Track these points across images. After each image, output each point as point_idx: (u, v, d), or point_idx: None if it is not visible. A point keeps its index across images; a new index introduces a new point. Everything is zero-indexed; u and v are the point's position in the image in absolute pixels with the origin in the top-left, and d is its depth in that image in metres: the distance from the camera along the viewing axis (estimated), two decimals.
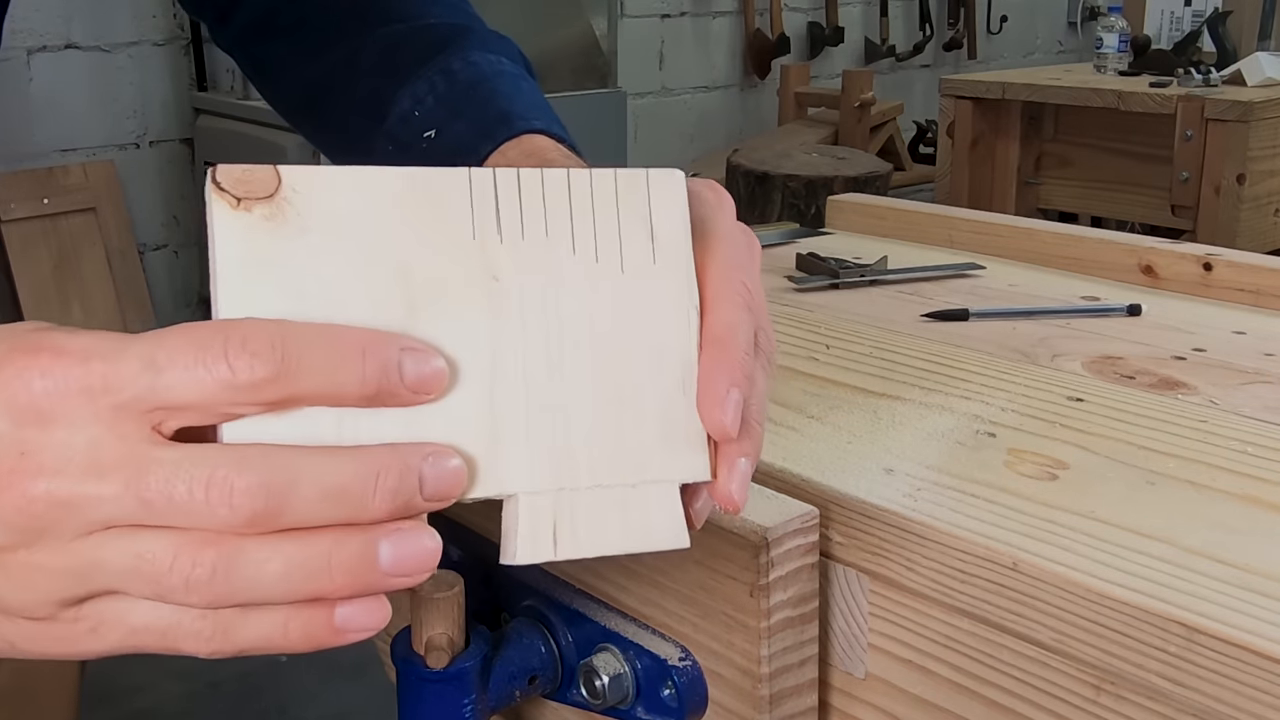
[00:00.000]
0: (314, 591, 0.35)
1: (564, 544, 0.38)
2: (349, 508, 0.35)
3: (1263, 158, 2.50)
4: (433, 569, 0.36)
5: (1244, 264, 0.84)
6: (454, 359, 0.37)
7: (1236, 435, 0.59)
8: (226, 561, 0.34)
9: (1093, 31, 3.38)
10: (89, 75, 2.89)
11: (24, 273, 2.75)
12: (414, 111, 0.68)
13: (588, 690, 0.54)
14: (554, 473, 0.38)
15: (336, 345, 0.35)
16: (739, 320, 0.43)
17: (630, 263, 0.41)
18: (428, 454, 0.36)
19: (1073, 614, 0.45)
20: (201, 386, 0.34)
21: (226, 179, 0.36)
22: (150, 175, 3.02)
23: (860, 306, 0.83)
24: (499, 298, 0.38)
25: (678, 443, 0.40)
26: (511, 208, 0.39)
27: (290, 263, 0.36)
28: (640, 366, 0.40)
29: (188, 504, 0.34)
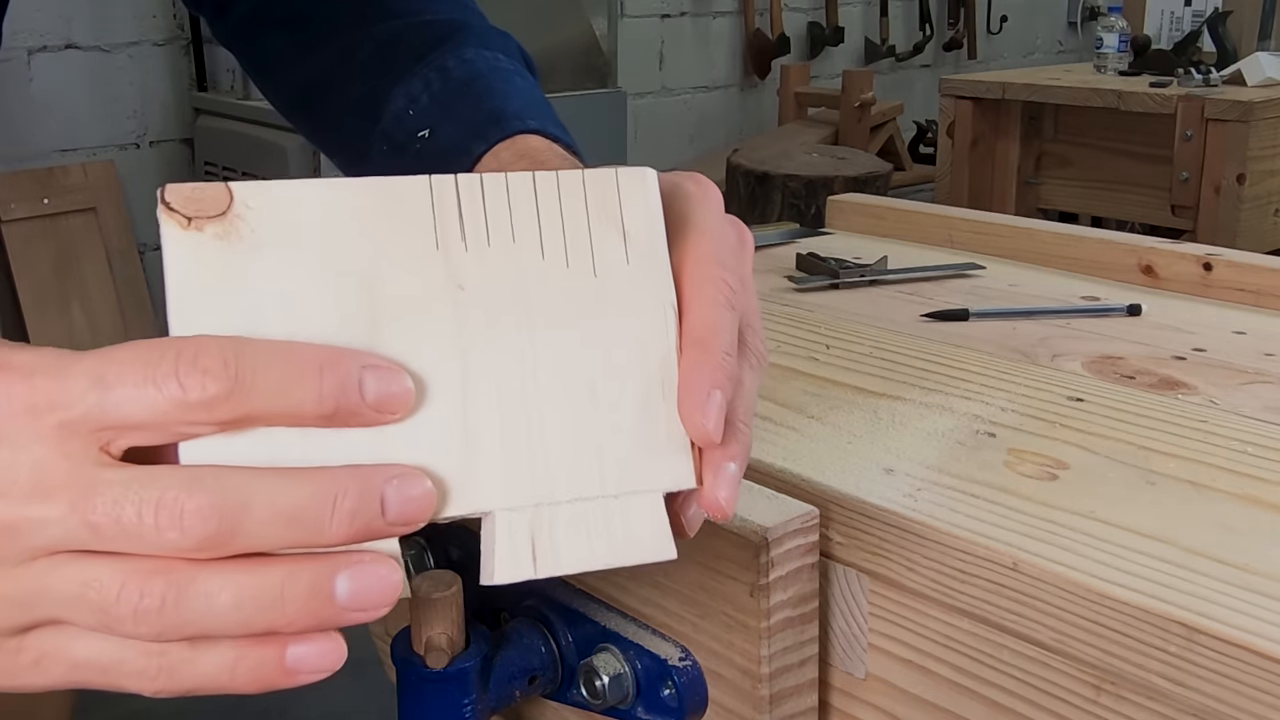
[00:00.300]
0: (267, 624, 0.33)
1: (544, 561, 0.37)
2: (305, 531, 0.33)
3: (1263, 158, 2.50)
4: (392, 603, 0.34)
5: (1244, 264, 0.84)
6: (421, 374, 0.36)
7: (1236, 435, 0.59)
8: (176, 591, 0.32)
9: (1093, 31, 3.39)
10: (89, 75, 2.89)
11: (24, 273, 2.75)
12: (408, 110, 0.67)
13: (588, 690, 0.54)
14: (531, 487, 0.37)
15: (292, 362, 0.34)
16: (720, 319, 0.41)
17: (603, 265, 0.39)
18: (392, 476, 0.34)
19: (1073, 614, 0.45)
20: (151, 405, 0.33)
21: (176, 198, 0.35)
22: (150, 175, 3.02)
23: (860, 306, 0.83)
24: (466, 308, 0.37)
25: (660, 450, 0.39)
26: (476, 214, 0.38)
27: (245, 281, 0.35)
28: (618, 372, 0.39)
29: (136, 527, 0.32)
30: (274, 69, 0.78)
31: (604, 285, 0.39)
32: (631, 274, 0.40)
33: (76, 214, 2.84)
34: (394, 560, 0.34)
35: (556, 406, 0.38)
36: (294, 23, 0.75)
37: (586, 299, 0.39)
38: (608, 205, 0.40)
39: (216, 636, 0.33)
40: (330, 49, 0.73)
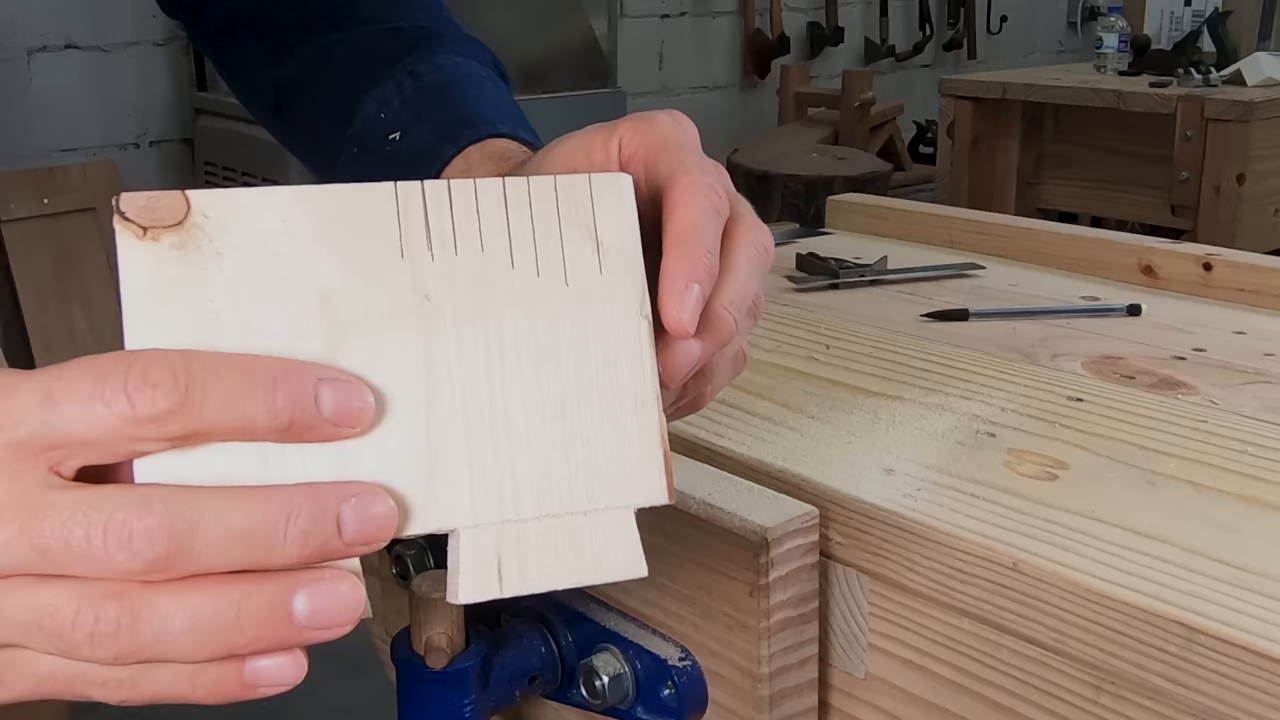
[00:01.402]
0: (224, 646, 0.33)
1: (510, 580, 0.36)
2: (258, 551, 0.33)
3: (1263, 158, 2.50)
4: (355, 621, 0.33)
5: (1244, 264, 0.84)
6: (384, 388, 0.35)
7: (1236, 435, 0.59)
8: (131, 615, 0.32)
9: (1093, 31, 3.39)
10: (89, 75, 2.89)
11: (24, 273, 2.75)
12: (380, 114, 0.67)
13: (588, 690, 0.54)
14: (498, 504, 0.36)
15: (245, 375, 0.33)
16: (702, 219, 0.42)
17: (575, 274, 0.38)
18: (350, 495, 0.34)
19: (1073, 614, 0.45)
20: (100, 421, 0.32)
21: (131, 208, 0.34)
22: (150, 175, 3.02)
23: (860, 306, 0.83)
24: (432, 319, 0.36)
25: (632, 464, 0.38)
26: (443, 222, 0.37)
27: (202, 292, 0.34)
28: (590, 384, 0.38)
29: (85, 550, 0.32)
30: (246, 73, 0.78)
31: (576, 295, 0.38)
32: (605, 283, 0.39)
33: (76, 214, 2.84)
34: (355, 577, 0.34)
35: (525, 420, 0.37)
36: (266, 28, 0.76)
37: (558, 309, 0.38)
38: (580, 212, 0.39)
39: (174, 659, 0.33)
40: (301, 54, 0.73)
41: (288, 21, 0.75)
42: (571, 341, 0.38)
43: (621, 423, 0.38)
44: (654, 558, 0.53)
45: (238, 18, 0.77)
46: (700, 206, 0.42)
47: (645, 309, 0.39)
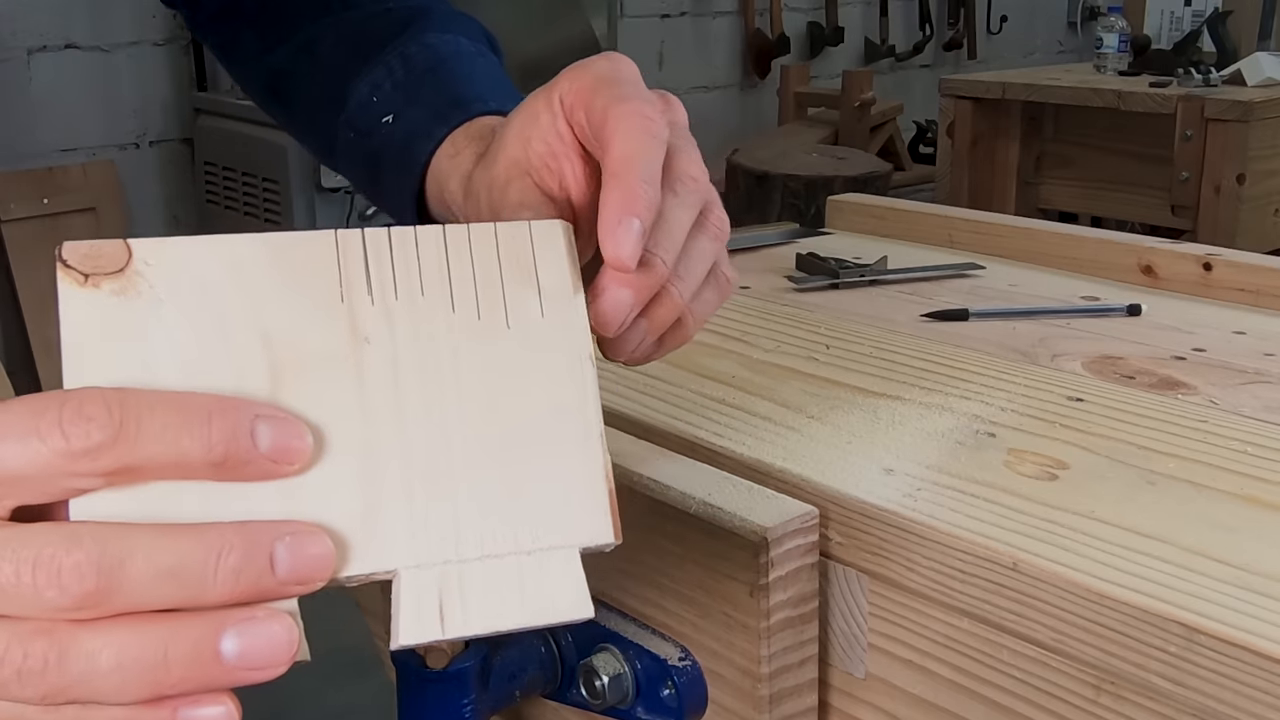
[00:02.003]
0: (151, 686, 0.32)
1: (451, 622, 0.36)
2: (188, 589, 0.32)
3: (1263, 158, 2.50)
4: (287, 663, 0.33)
5: (1244, 264, 0.84)
6: (323, 428, 0.35)
7: (1236, 435, 0.59)
8: (59, 652, 0.32)
9: (1093, 31, 3.38)
10: (89, 75, 2.89)
11: (24, 273, 2.75)
12: (372, 98, 0.68)
13: (588, 690, 0.54)
14: (439, 545, 0.36)
15: (181, 410, 0.33)
16: (635, 149, 0.42)
17: (516, 318, 0.39)
18: (285, 533, 0.33)
19: (1073, 614, 0.45)
20: (35, 456, 0.32)
21: (73, 256, 0.35)
22: (150, 175, 3.02)
23: (860, 306, 0.83)
24: (372, 362, 0.37)
25: (576, 505, 0.38)
26: (383, 267, 0.38)
27: (142, 338, 0.35)
28: (532, 425, 0.38)
29: (14, 587, 0.31)
30: (244, 61, 0.79)
31: (517, 338, 0.39)
32: (546, 327, 0.39)
33: (76, 214, 2.84)
34: (289, 618, 0.33)
35: (466, 461, 0.37)
36: (261, 15, 0.76)
37: (499, 352, 0.38)
38: (521, 258, 0.40)
39: (103, 700, 0.32)
40: (295, 40, 0.74)
41: (281, 8, 0.75)
42: (513, 383, 0.38)
43: (565, 464, 0.38)
44: (654, 558, 0.53)
45: (234, 6, 0.77)
46: (632, 136, 0.42)
47: (587, 351, 0.40)
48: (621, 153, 0.42)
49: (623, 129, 0.43)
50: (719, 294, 0.48)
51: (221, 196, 2.90)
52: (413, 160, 0.63)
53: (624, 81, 0.46)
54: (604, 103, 0.44)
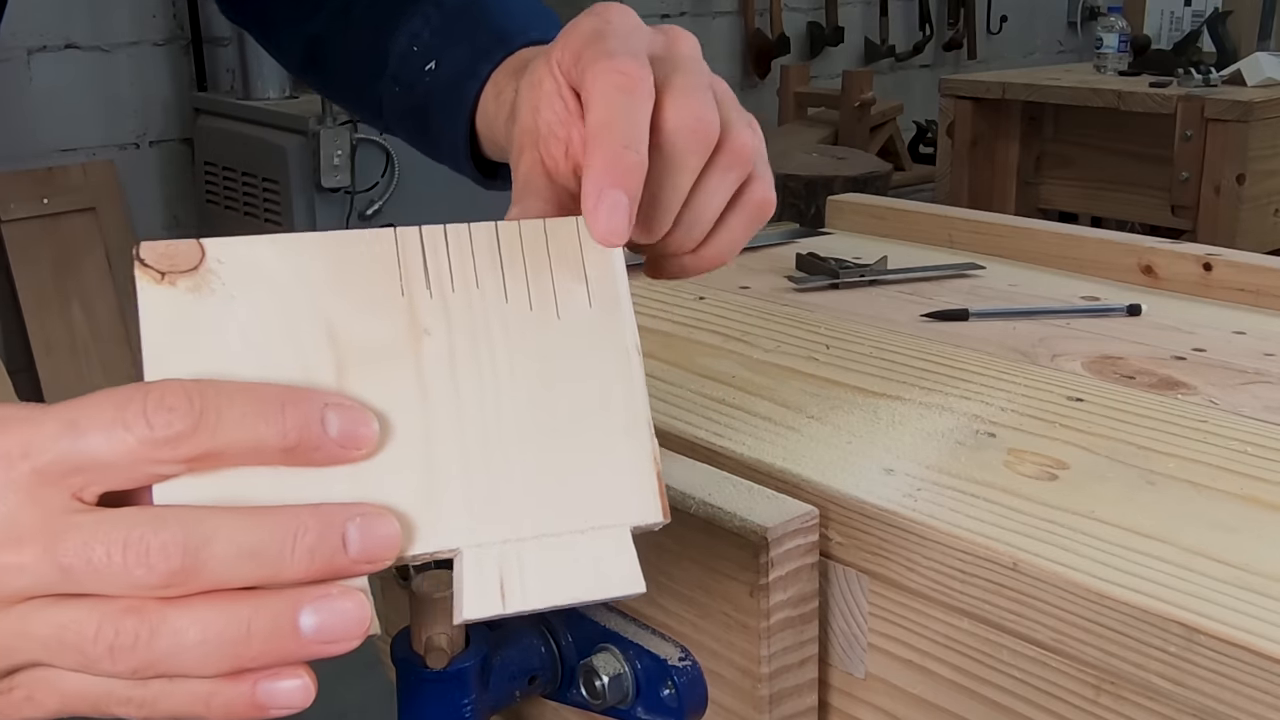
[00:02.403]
0: (233, 660, 0.34)
1: (512, 597, 0.38)
2: (266, 567, 0.34)
3: (1263, 158, 2.50)
4: (361, 637, 0.35)
5: (1244, 264, 0.84)
6: (387, 416, 0.37)
7: (1236, 435, 0.59)
8: (149, 629, 0.33)
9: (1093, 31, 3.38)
10: (89, 75, 2.89)
11: (24, 273, 2.75)
12: (412, 48, 0.68)
13: (588, 690, 0.54)
14: (498, 525, 0.38)
15: (256, 399, 0.35)
16: (612, 113, 0.41)
17: (565, 308, 0.41)
18: (355, 515, 0.35)
19: (1073, 614, 0.45)
20: (121, 445, 0.34)
21: (150, 255, 0.37)
22: (150, 175, 3.02)
23: (860, 306, 0.83)
24: (431, 353, 0.39)
25: (625, 486, 0.39)
26: (439, 262, 0.40)
27: (216, 332, 0.37)
28: (582, 411, 0.40)
29: (106, 567, 0.33)
30: (279, 33, 0.79)
31: (567, 327, 0.40)
32: (594, 316, 0.41)
33: (76, 214, 2.84)
34: (361, 594, 0.35)
35: (521, 445, 0.39)
36: None
37: (550, 341, 0.40)
38: (569, 250, 0.41)
39: (188, 673, 0.34)
40: (330, 6, 0.74)
41: None
42: (564, 371, 0.40)
43: (613, 446, 0.40)
44: (654, 557, 0.53)
45: None
46: (607, 97, 0.42)
47: (634, 338, 0.41)
48: (595, 121, 0.42)
49: (598, 90, 0.42)
50: (757, 218, 0.48)
51: (221, 196, 2.90)
52: (460, 103, 0.63)
53: (609, 35, 0.45)
54: (585, 63, 0.44)
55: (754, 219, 0.48)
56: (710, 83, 0.47)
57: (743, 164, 0.47)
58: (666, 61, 0.45)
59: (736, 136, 0.46)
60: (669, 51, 0.46)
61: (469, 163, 0.66)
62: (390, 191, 2.67)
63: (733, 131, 0.46)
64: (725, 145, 0.46)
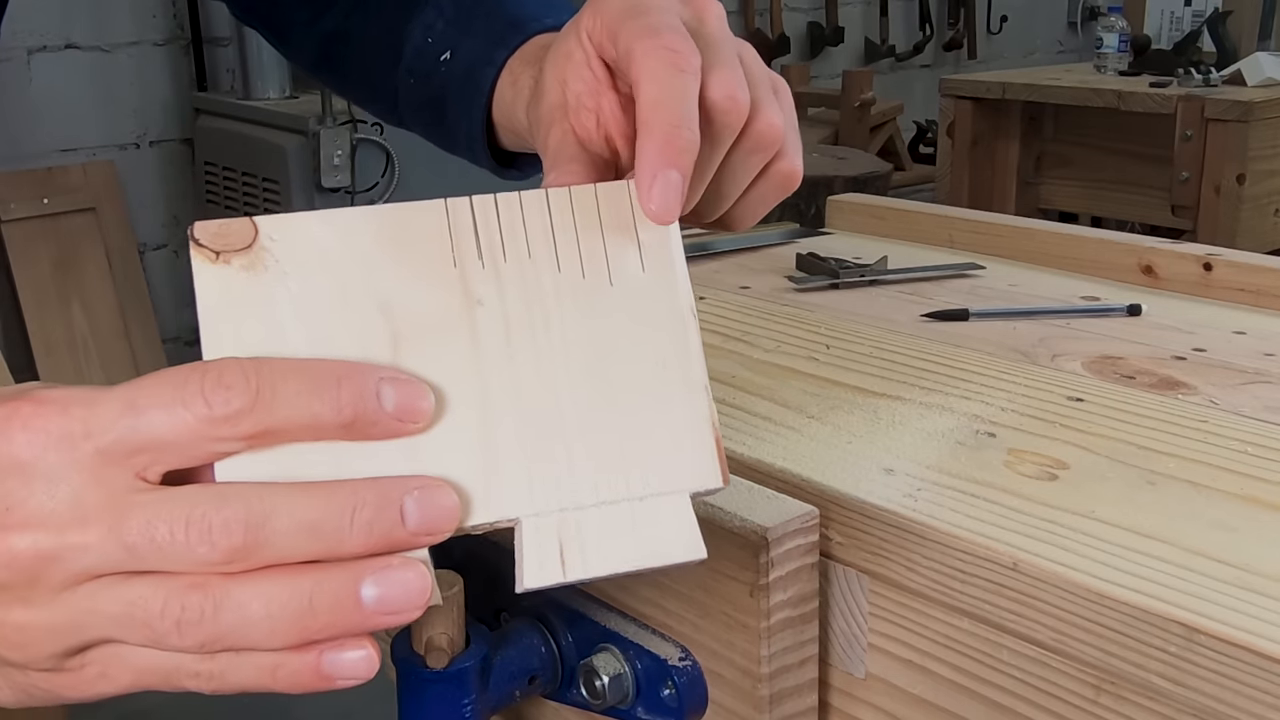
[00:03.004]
0: (298, 632, 0.35)
1: (572, 565, 0.38)
2: (326, 541, 0.35)
3: (1263, 158, 2.50)
4: (422, 607, 0.35)
5: (1244, 264, 0.84)
6: (443, 388, 0.37)
7: (1236, 435, 0.59)
8: (214, 604, 0.34)
9: (1093, 31, 3.38)
10: (89, 75, 2.89)
11: (24, 273, 2.75)
12: (426, 39, 0.68)
13: (588, 690, 0.54)
14: (556, 493, 0.38)
15: (311, 375, 0.35)
16: (660, 93, 0.41)
17: (618, 274, 0.40)
18: (413, 488, 0.35)
19: (1073, 614, 0.45)
20: (181, 423, 0.34)
21: (204, 234, 0.37)
22: (150, 175, 3.02)
23: (860, 306, 0.83)
24: (485, 323, 0.38)
25: (683, 451, 0.39)
26: (491, 231, 0.39)
27: (271, 309, 0.37)
28: (638, 377, 0.39)
29: (169, 544, 0.34)
30: (291, 32, 0.79)
31: (620, 293, 0.40)
32: (648, 281, 0.40)
33: (76, 214, 2.84)
34: (422, 565, 0.35)
35: (578, 413, 0.39)
36: None
37: (603, 308, 0.40)
38: (621, 215, 0.41)
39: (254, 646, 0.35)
40: (343, 3, 0.74)
41: None
42: (618, 338, 0.40)
43: (672, 413, 0.40)
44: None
45: None
46: (659, 77, 0.42)
47: (689, 301, 0.41)
48: (646, 100, 0.42)
49: (648, 69, 0.42)
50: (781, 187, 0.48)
51: (221, 196, 2.90)
52: (476, 91, 0.63)
53: (648, 9, 0.45)
54: (628, 37, 0.44)
55: (779, 190, 0.49)
56: (739, 53, 0.47)
57: (770, 146, 0.47)
58: (698, 35, 0.45)
59: (765, 117, 0.46)
60: (699, 24, 0.46)
61: (485, 152, 0.66)
62: (390, 191, 2.67)
63: (762, 111, 0.46)
64: (753, 127, 0.46)
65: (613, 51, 0.46)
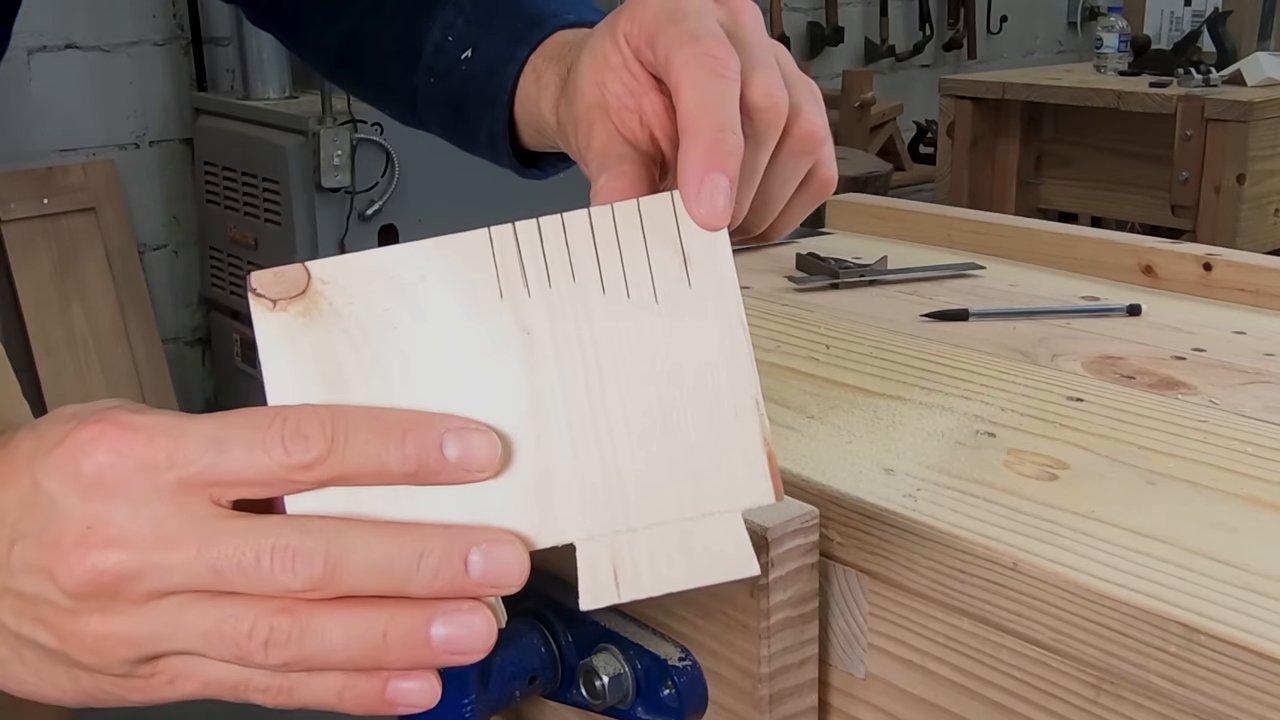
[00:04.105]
0: (372, 661, 0.37)
1: (626, 586, 0.39)
2: (394, 581, 0.36)
3: (1263, 158, 2.50)
4: (487, 648, 0.37)
5: (1244, 264, 0.84)
6: (495, 420, 0.39)
7: (1236, 435, 0.59)
8: (300, 628, 0.36)
9: (1093, 31, 3.38)
10: (89, 75, 2.89)
11: (24, 273, 2.75)
12: (446, 38, 0.68)
13: (588, 690, 0.54)
14: (608, 517, 0.39)
15: (379, 427, 0.37)
16: (703, 99, 0.41)
17: (664, 291, 0.40)
18: (481, 540, 0.37)
19: (1073, 614, 0.45)
20: (260, 465, 0.36)
21: (260, 283, 0.39)
22: (150, 175, 3.02)
23: (860, 306, 0.83)
24: (534, 352, 0.39)
25: (735, 468, 0.39)
26: (535, 258, 0.40)
27: (328, 350, 0.39)
28: (688, 395, 0.39)
29: (254, 570, 0.36)
30: (308, 35, 0.79)
31: (666, 311, 0.40)
32: (694, 296, 0.40)
33: (76, 214, 2.84)
34: (489, 611, 0.37)
35: (628, 436, 0.39)
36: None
37: (650, 327, 0.40)
38: (665, 230, 0.40)
39: (329, 669, 0.37)
40: (359, 3, 0.74)
41: None
42: (666, 357, 0.40)
43: (723, 429, 0.39)
44: None
45: None
46: (699, 84, 0.42)
47: (738, 316, 0.40)
48: (689, 106, 0.42)
49: (689, 75, 0.42)
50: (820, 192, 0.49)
51: (221, 196, 2.90)
52: (498, 89, 0.63)
53: (687, 15, 0.45)
54: (667, 44, 0.44)
55: (818, 196, 0.50)
56: (776, 55, 0.47)
57: (814, 148, 0.48)
58: (734, 38, 0.45)
59: (806, 120, 0.47)
60: (734, 26, 0.47)
61: (507, 150, 0.66)
62: (390, 191, 2.67)
63: (803, 113, 0.47)
64: (795, 129, 0.46)
65: (651, 56, 0.46)
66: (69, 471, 0.36)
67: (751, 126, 0.44)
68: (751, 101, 0.44)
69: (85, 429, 0.37)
